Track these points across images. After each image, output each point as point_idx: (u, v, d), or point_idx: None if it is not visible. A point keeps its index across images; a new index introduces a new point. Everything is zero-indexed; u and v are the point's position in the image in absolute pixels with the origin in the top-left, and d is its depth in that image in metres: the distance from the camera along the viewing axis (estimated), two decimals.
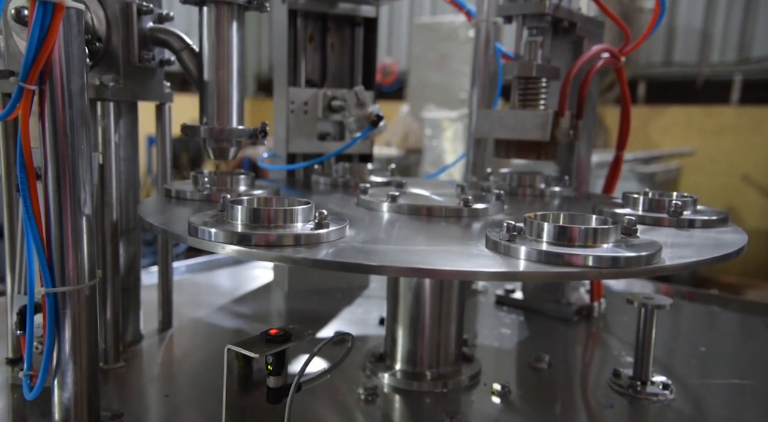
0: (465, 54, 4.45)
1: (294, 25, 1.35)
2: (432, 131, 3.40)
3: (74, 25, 0.68)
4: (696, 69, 5.23)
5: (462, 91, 4.51)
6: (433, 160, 3.39)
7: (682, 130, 5.23)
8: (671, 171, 3.91)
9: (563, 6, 1.14)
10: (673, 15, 5.21)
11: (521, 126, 1.13)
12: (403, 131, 5.07)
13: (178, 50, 0.98)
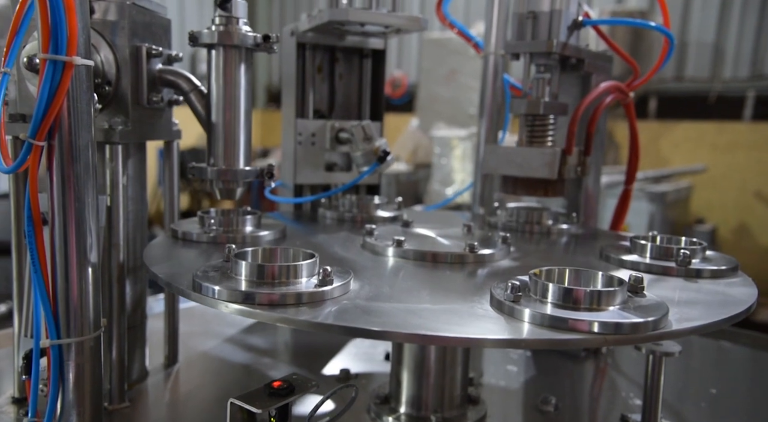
0: (474, 69, 4.45)
1: (302, 57, 1.36)
2: (441, 149, 3.40)
3: (83, 81, 0.69)
4: (708, 84, 5.19)
5: (471, 106, 4.51)
6: (441, 178, 3.38)
7: (694, 146, 5.18)
8: (682, 190, 3.87)
9: (571, 43, 1.14)
10: (685, 30, 5.19)
11: (529, 163, 1.13)
12: (413, 145, 5.08)
13: (187, 91, 0.98)
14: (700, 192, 4.73)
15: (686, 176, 4.50)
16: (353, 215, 1.19)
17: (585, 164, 1.18)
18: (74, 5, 0.64)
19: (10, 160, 0.70)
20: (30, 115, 0.91)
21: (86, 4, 0.68)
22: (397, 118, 5.71)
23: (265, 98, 8.05)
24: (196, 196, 6.65)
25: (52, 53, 0.65)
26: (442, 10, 1.49)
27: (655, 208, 3.24)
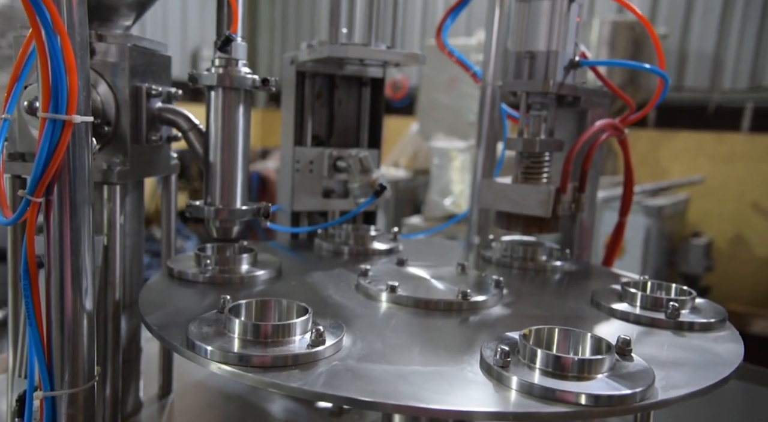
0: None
1: (302, 85, 1.37)
2: (440, 160, 3.40)
3: (83, 138, 0.69)
4: (707, 95, 5.20)
5: (471, 113, 4.51)
6: (440, 189, 3.39)
7: (692, 156, 5.19)
8: (679, 203, 3.88)
9: (567, 83, 1.15)
10: (685, 40, 5.19)
11: (523, 201, 1.14)
12: (412, 150, 5.08)
13: (186, 130, 0.99)
14: (698, 202, 4.74)
15: (684, 187, 4.51)
16: (349, 248, 1.20)
17: (579, 201, 1.19)
18: (75, 65, 0.65)
19: (9, 211, 0.71)
20: (29, 153, 0.92)
21: (87, 61, 0.69)
22: (397, 121, 5.71)
23: (265, 98, 8.04)
24: (196, 196, 6.67)
25: (52, 112, 0.66)
26: (441, 39, 1.50)
27: (651, 222, 3.25)
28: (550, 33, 1.11)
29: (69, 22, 0.65)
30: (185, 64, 7.12)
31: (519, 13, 1.15)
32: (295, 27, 7.61)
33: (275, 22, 7.76)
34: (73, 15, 0.66)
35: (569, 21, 1.12)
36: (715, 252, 4.18)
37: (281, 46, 7.70)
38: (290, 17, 7.66)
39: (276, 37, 7.73)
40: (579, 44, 1.16)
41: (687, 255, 3.69)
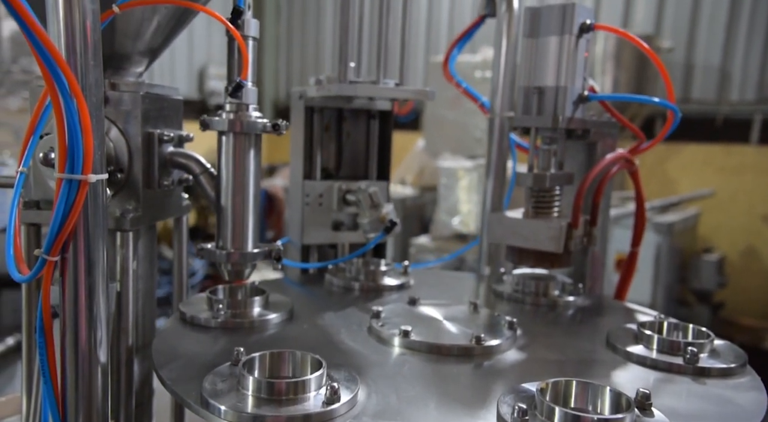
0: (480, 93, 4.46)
1: (311, 119, 1.38)
2: (447, 180, 3.41)
3: (98, 195, 0.70)
4: (715, 107, 5.18)
5: (477, 129, 4.51)
6: (447, 209, 3.39)
7: (701, 168, 5.17)
8: (689, 218, 3.85)
9: (577, 117, 1.15)
10: (691, 52, 5.19)
11: (535, 236, 1.14)
12: (418, 166, 5.08)
13: (197, 174, 1.00)
14: (708, 215, 4.71)
15: (694, 201, 4.48)
16: (360, 284, 1.20)
17: (591, 235, 1.18)
18: (91, 126, 0.66)
19: (25, 267, 0.72)
20: (44, 200, 0.93)
21: (102, 121, 0.70)
22: (403, 136, 5.73)
23: (272, 114, 8.09)
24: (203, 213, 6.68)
25: (68, 172, 0.66)
26: (449, 70, 1.51)
27: (661, 239, 3.23)
28: (559, 68, 1.11)
29: (85, 84, 0.66)
30: (192, 81, 7.18)
31: (527, 48, 1.15)
32: (300, 44, 7.67)
33: (280, 40, 7.82)
34: (88, 77, 0.67)
35: (577, 56, 1.12)
36: (727, 266, 4.14)
37: (286, 77, 7.76)
38: (294, 36, 7.71)
39: (280, 66, 7.79)
40: (587, 78, 1.16)
41: (699, 272, 3.66)
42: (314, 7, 7.48)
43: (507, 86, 1.41)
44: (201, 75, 7.27)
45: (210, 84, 7.37)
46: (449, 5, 6.29)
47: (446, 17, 6.27)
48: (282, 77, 7.92)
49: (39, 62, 0.62)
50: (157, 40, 0.98)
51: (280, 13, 7.81)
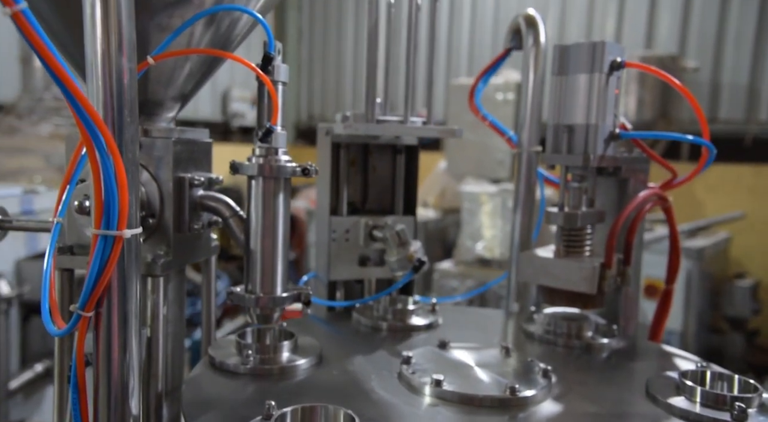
0: (502, 115, 4.44)
1: (337, 155, 1.38)
2: (470, 205, 3.39)
3: (133, 250, 0.70)
4: (743, 126, 5.09)
5: (499, 151, 4.49)
6: (471, 234, 3.36)
7: (731, 189, 5.06)
8: (720, 242, 3.76)
9: (608, 155, 1.13)
10: (718, 72, 5.11)
11: (567, 276, 1.11)
12: (440, 188, 5.07)
13: (227, 217, 1.00)
14: (739, 239, 4.59)
15: (724, 225, 4.38)
16: (388, 324, 1.19)
17: (625, 274, 1.15)
18: (127, 183, 0.66)
19: (61, 321, 0.72)
20: (78, 245, 0.94)
21: (137, 175, 0.70)
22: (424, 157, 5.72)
23: (294, 134, 8.17)
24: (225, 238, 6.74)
25: (104, 229, 0.67)
26: (474, 103, 1.50)
27: (692, 264, 3.15)
28: (589, 106, 1.10)
29: (121, 141, 0.67)
30: (216, 103, 7.31)
31: (555, 86, 1.14)
32: (322, 67, 7.76)
33: (301, 63, 7.92)
34: (124, 134, 0.67)
35: (608, 94, 1.11)
36: (761, 292, 4.02)
37: (307, 107, 7.85)
38: (316, 58, 7.81)
39: (302, 78, 7.89)
40: (618, 115, 1.15)
41: (732, 298, 3.55)
42: (335, 31, 7.59)
43: (534, 120, 1.39)
44: (224, 97, 7.39)
45: (233, 106, 7.48)
46: (469, 27, 6.32)
47: (466, 39, 6.30)
48: (303, 99, 8.01)
49: (77, 119, 0.63)
50: (189, 86, 0.99)
51: (301, 36, 7.93)
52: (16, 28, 0.53)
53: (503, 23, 6.10)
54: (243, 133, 7.49)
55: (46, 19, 0.85)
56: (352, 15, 7.41)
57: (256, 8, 0.99)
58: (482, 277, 3.22)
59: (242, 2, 0.94)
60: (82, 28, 0.66)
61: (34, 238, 2.54)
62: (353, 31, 7.43)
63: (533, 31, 1.38)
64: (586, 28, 5.57)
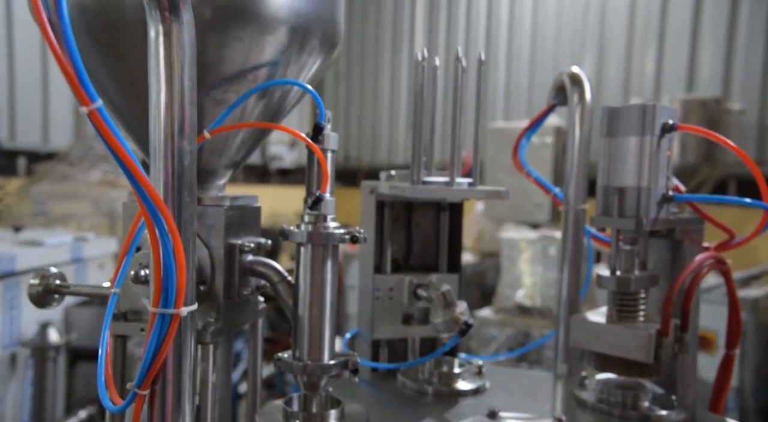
0: (539, 158, 4.41)
1: (381, 213, 1.38)
2: (509, 251, 3.34)
3: (187, 326, 0.71)
4: None
5: (537, 195, 4.44)
6: (511, 281, 3.30)
7: None
8: None
9: (661, 217, 1.10)
10: (764, 112, 4.99)
11: (621, 343, 1.07)
12: (477, 230, 5.02)
13: (275, 283, 1.01)
14: None
15: None
16: (434, 388, 1.16)
17: (683, 341, 1.10)
18: (185, 263, 0.68)
19: (117, 397, 0.72)
20: (131, 310, 0.96)
21: (195, 255, 0.72)
22: None
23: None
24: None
25: (162, 307, 0.68)
26: (519, 159, 1.49)
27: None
28: (640, 169, 1.08)
29: (180, 220, 0.68)
30: None
31: (605, 147, 1.13)
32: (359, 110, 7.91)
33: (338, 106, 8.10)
34: (184, 213, 0.69)
35: (660, 156, 1.09)
36: None
37: (345, 130, 7.98)
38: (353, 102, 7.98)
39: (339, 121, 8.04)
40: (671, 177, 1.12)
41: None
42: (372, 75, 7.76)
43: (581, 177, 1.38)
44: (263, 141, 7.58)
45: (271, 149, 7.67)
46: (505, 70, 6.37)
47: (503, 81, 6.35)
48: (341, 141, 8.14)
49: (139, 202, 0.65)
50: (240, 154, 1.02)
51: (338, 80, 8.14)
52: (91, 124, 0.55)
53: (539, 65, 6.13)
54: (281, 175, 7.64)
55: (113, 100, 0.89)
56: (389, 59, 7.58)
57: (307, 78, 1.02)
58: (523, 326, 3.15)
59: (293, 74, 0.97)
60: (147, 109, 0.69)
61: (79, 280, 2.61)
62: (389, 74, 7.59)
63: (578, 89, 1.38)
64: (625, 69, 5.55)
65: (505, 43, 6.40)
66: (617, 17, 5.61)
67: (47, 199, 3.90)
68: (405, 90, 7.42)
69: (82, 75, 0.53)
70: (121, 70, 0.87)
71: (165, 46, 0.66)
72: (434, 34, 7.07)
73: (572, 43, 5.89)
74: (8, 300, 2.10)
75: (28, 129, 4.81)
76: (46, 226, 3.77)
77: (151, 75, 0.68)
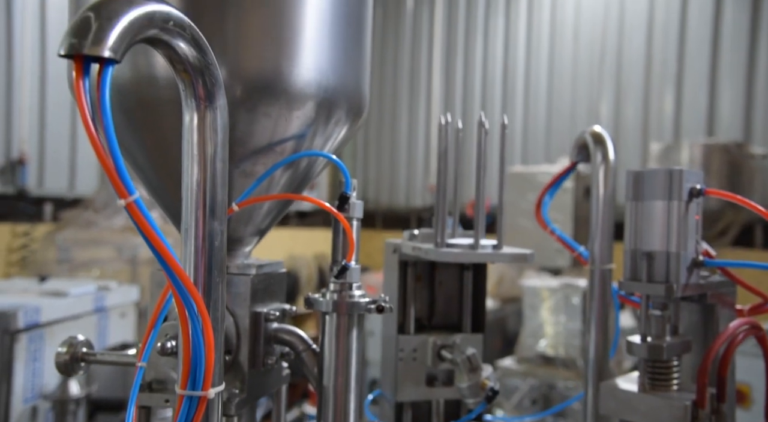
0: (558, 203, 4.40)
1: (404, 272, 1.38)
2: (531, 300, 3.29)
3: (214, 408, 0.70)
4: None
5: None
6: (533, 331, 3.24)
7: None
8: None
9: (692, 282, 1.08)
10: None
11: (655, 414, 1.04)
12: (497, 275, 4.97)
13: (300, 351, 1.00)
14: None
15: None
16: None
17: (720, 412, 1.06)
18: (214, 343, 0.67)
19: None
20: (156, 380, 0.95)
21: (222, 334, 0.72)
22: None
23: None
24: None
25: (190, 389, 0.67)
26: (541, 216, 1.49)
27: None
28: (668, 234, 1.06)
29: (209, 301, 0.69)
30: None
31: (630, 210, 1.12)
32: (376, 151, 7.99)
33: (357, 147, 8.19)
34: (212, 294, 0.69)
35: (688, 220, 1.07)
36: None
37: (363, 170, 8.06)
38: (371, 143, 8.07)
39: (358, 161, 8.13)
40: (700, 241, 1.10)
41: None
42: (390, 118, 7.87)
43: (606, 236, 1.36)
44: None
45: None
46: (522, 114, 6.43)
47: (520, 125, 6.39)
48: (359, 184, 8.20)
49: (171, 287, 0.66)
50: (267, 222, 1.03)
51: None
52: (128, 215, 0.56)
53: (556, 110, 6.18)
54: (299, 217, 7.69)
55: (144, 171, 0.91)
56: (406, 101, 7.70)
57: (334, 146, 1.03)
58: (546, 377, 3.07)
59: (320, 144, 0.99)
60: (175, 179, 0.71)
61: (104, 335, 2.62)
62: (407, 116, 7.69)
63: (601, 148, 1.38)
64: (643, 113, 5.55)
65: (522, 88, 6.48)
66: (634, 61, 5.66)
67: (71, 245, 3.97)
68: (422, 132, 7.50)
69: (121, 168, 0.54)
70: (153, 145, 0.89)
71: (199, 131, 0.68)
72: (451, 77, 7.19)
73: (589, 86, 5.94)
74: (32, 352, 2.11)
75: (55, 176, 4.94)
76: (69, 272, 3.82)
77: (185, 158, 0.69)
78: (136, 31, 0.57)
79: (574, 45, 6.13)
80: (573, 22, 6.08)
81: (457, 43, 7.12)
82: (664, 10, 5.47)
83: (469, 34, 7.01)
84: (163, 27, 0.60)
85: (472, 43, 6.97)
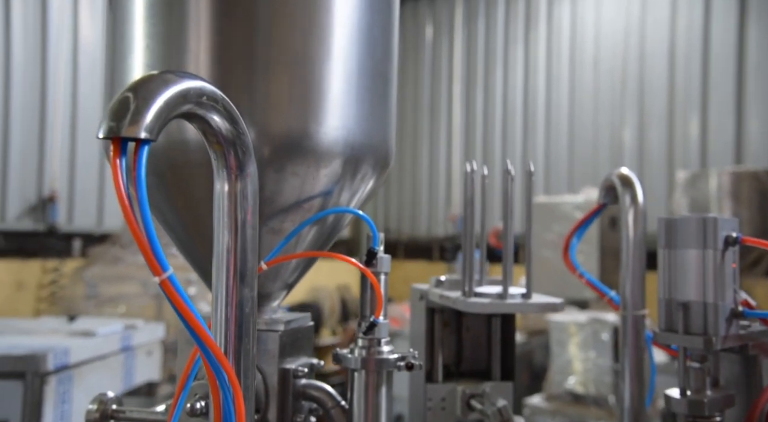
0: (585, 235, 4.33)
1: (432, 320, 1.36)
2: (559, 335, 3.22)
3: None
4: None
5: None
6: (561, 368, 3.16)
7: None
8: None
9: (731, 333, 1.04)
10: None
11: None
12: None
13: (329, 408, 0.99)
14: None
15: None
16: None
17: None
18: (244, 413, 0.67)
19: None
20: None
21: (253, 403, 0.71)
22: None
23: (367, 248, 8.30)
24: None
25: None
26: (570, 259, 1.46)
27: None
28: (704, 284, 1.03)
29: (240, 369, 0.68)
30: None
31: (664, 259, 1.09)
32: (398, 186, 8.01)
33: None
34: (243, 362, 0.69)
35: (725, 269, 1.04)
36: None
37: (384, 204, 8.08)
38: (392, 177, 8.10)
39: (379, 195, 8.16)
40: (738, 291, 1.07)
41: None
42: (411, 147, 7.91)
43: (637, 281, 1.33)
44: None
45: None
46: (544, 144, 6.41)
47: (542, 156, 6.36)
48: (380, 213, 8.24)
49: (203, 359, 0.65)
50: (294, 277, 1.03)
51: None
52: (162, 292, 0.57)
53: (578, 138, 6.14)
54: None
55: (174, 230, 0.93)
56: (427, 130, 7.74)
57: (361, 200, 1.03)
58: (576, 416, 2.97)
59: (346, 199, 0.99)
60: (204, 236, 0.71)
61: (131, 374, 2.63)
62: (428, 145, 7.72)
63: (630, 191, 1.36)
64: (668, 140, 5.49)
65: (543, 117, 6.47)
66: (656, 87, 5.62)
67: (99, 281, 4.03)
68: (444, 162, 7.51)
69: (156, 247, 0.55)
70: (184, 206, 0.90)
71: (230, 200, 0.69)
72: (471, 107, 7.23)
73: (611, 114, 5.91)
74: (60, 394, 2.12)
75: (84, 212, 5.05)
76: (96, 308, 3.87)
77: (216, 225, 0.70)
78: (171, 109, 0.59)
79: (594, 72, 6.12)
80: (593, 50, 6.09)
81: (477, 73, 7.17)
82: (685, 34, 5.45)
83: (489, 63, 7.06)
84: (198, 102, 0.62)
85: (492, 73, 7.01)
